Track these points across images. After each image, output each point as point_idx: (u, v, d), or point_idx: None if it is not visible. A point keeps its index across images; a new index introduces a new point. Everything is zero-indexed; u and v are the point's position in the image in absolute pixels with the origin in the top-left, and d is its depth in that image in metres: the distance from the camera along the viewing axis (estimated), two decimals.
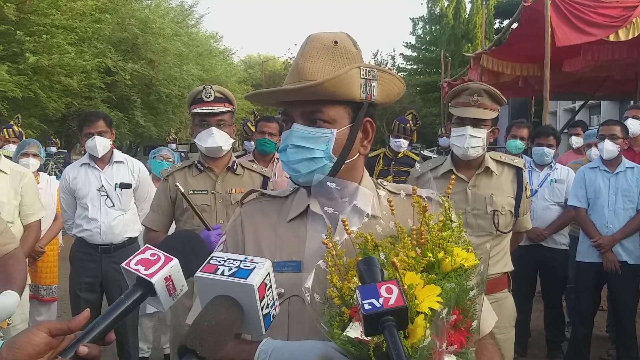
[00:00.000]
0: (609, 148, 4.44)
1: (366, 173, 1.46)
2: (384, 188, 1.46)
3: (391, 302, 0.97)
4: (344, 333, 1.08)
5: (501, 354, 1.41)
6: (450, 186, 1.35)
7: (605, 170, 4.50)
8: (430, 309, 1.07)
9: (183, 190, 2.95)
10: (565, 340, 5.00)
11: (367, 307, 0.97)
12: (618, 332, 4.71)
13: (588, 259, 4.50)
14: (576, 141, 6.29)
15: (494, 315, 1.46)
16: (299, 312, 1.28)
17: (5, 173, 3.88)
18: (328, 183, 1.29)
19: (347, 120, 1.34)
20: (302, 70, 1.31)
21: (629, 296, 4.49)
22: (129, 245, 4.22)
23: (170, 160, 5.40)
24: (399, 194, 1.42)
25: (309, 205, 1.39)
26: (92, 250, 4.17)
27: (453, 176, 1.47)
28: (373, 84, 1.33)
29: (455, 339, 1.14)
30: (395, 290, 0.98)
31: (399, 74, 1.26)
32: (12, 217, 3.81)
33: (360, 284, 1.07)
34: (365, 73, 1.31)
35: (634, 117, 5.11)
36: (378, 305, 0.97)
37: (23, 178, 3.93)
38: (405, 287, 1.06)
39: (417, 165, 2.20)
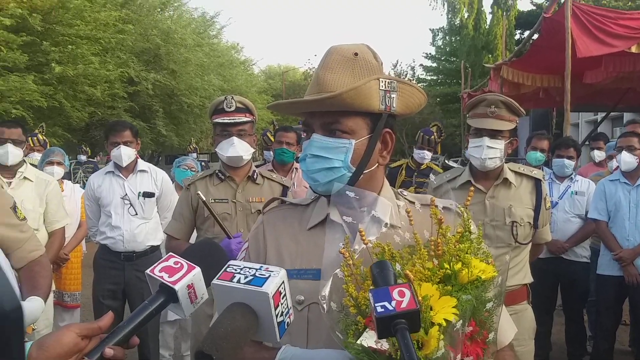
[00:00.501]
0: (627, 160, 4.41)
1: (386, 183, 1.48)
2: (404, 198, 1.48)
3: (403, 305, 0.98)
4: (358, 341, 1.09)
5: None
6: (469, 197, 1.36)
7: (625, 182, 4.47)
8: (445, 320, 1.07)
9: (205, 199, 2.99)
10: (587, 354, 4.95)
11: (379, 309, 0.99)
12: (638, 345, 4.65)
13: (609, 272, 4.46)
14: (598, 155, 6.21)
15: (514, 327, 1.46)
16: (319, 319, 1.29)
17: (30, 181, 4.01)
18: (347, 192, 1.31)
19: (366, 131, 1.36)
20: (322, 81, 1.34)
21: None
22: (151, 254, 4.29)
23: (194, 169, 5.47)
24: (416, 206, 1.44)
25: (329, 213, 1.41)
26: (115, 258, 4.23)
27: (472, 187, 1.48)
28: (392, 96, 1.35)
29: (472, 351, 1.15)
30: (408, 293, 1.00)
31: (419, 84, 1.28)
32: (37, 224, 3.91)
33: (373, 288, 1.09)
34: (385, 84, 1.33)
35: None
36: (390, 308, 0.98)
37: (48, 186, 4.05)
38: (420, 298, 1.07)
39: (432, 176, 2.21)
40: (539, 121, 16.26)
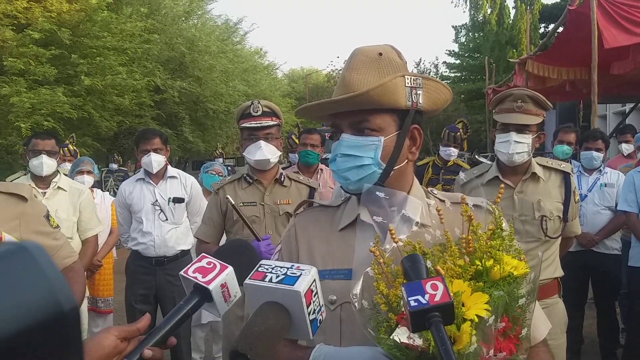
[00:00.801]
0: None
1: (416, 181, 1.49)
2: (434, 196, 1.48)
3: (437, 298, 0.99)
4: (391, 337, 1.10)
5: None
6: (500, 194, 1.36)
7: None
8: (478, 316, 1.08)
9: (234, 203, 3.04)
10: (620, 347, 4.88)
11: (413, 303, 0.99)
12: None
13: None
14: (626, 148, 6.11)
15: (548, 323, 1.46)
16: (351, 318, 1.31)
17: (64, 190, 4.11)
18: (377, 192, 1.33)
19: (394, 128, 1.38)
20: (348, 82, 1.36)
21: None
22: (182, 258, 4.36)
23: (222, 174, 5.54)
24: (446, 204, 1.44)
25: (359, 214, 1.43)
26: (146, 263, 4.31)
27: (502, 185, 1.49)
28: (418, 92, 1.37)
29: (505, 347, 1.15)
30: (441, 286, 1.01)
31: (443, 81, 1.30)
32: (71, 232, 4.00)
33: (405, 282, 1.10)
34: (410, 81, 1.35)
35: None
36: (424, 301, 0.99)
37: (81, 195, 4.15)
38: (452, 295, 1.07)
39: (461, 174, 2.20)
40: (566, 114, 16.01)
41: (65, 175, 4.71)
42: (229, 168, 15.41)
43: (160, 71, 17.65)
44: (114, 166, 12.50)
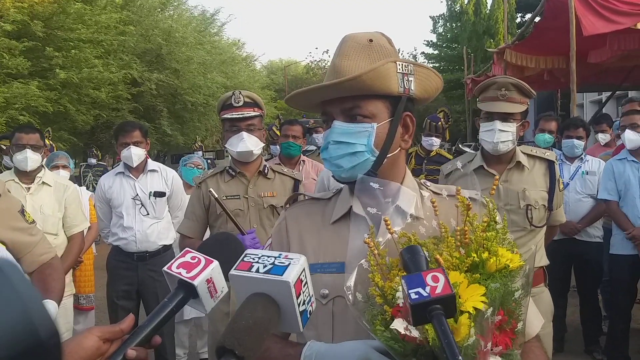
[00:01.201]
0: (631, 137, 4.37)
1: (409, 172, 1.46)
2: (427, 188, 1.46)
3: (438, 290, 0.96)
4: (388, 328, 1.08)
5: (547, 358, 1.39)
6: (495, 186, 1.34)
7: (633, 160, 4.43)
8: (475, 308, 1.06)
9: (217, 196, 2.98)
10: (603, 335, 4.93)
11: (413, 296, 0.96)
12: None
13: (622, 252, 4.42)
14: (603, 138, 6.12)
15: (541, 317, 1.45)
16: (344, 313, 1.29)
17: (49, 186, 3.99)
18: (371, 183, 1.30)
19: (387, 115, 1.35)
20: (339, 68, 1.33)
21: None
22: (164, 253, 4.29)
23: (201, 167, 5.47)
24: (441, 194, 1.42)
25: (352, 206, 1.40)
26: (128, 259, 4.24)
27: (497, 176, 1.47)
28: (410, 78, 1.35)
29: (500, 340, 1.14)
30: (442, 278, 0.98)
31: None
32: (56, 229, 3.90)
33: (404, 274, 1.07)
34: (402, 67, 1.33)
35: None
36: (425, 294, 0.96)
37: (66, 190, 4.03)
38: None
39: (459, 164, 2.18)
40: (544, 103, 16.19)
41: None
42: (209, 161, 15.31)
43: (136, 63, 17.46)
44: (93, 161, 12.30)
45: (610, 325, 4.72)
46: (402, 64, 1.33)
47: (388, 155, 1.36)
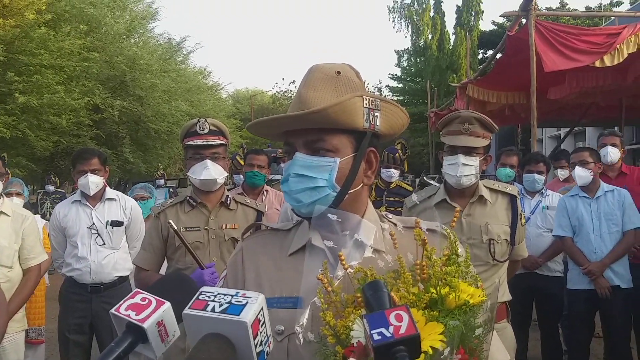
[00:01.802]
0: (581, 174, 4.45)
1: (370, 205, 1.43)
2: (389, 221, 1.43)
3: (402, 330, 0.92)
4: None
5: None
6: (455, 218, 1.33)
7: (585, 196, 4.51)
8: (432, 348, 1.01)
9: (176, 228, 2.89)
10: None
11: (376, 337, 0.92)
12: (612, 357, 4.66)
13: (579, 286, 4.46)
14: (562, 173, 6.20)
15: (506, 353, 1.41)
16: (299, 350, 1.23)
17: (7, 215, 3.76)
18: (329, 215, 1.26)
19: (351, 150, 1.32)
20: (304, 99, 1.30)
21: (623, 321, 4.45)
22: (120, 285, 4.15)
23: (146, 197, 5.34)
24: (399, 228, 1.39)
25: (310, 239, 1.36)
26: (81, 290, 4.09)
27: (458, 208, 1.45)
28: (376, 114, 1.32)
29: None
30: (406, 317, 0.94)
31: None
32: (11, 261, 3.67)
33: (362, 312, 1.03)
34: (369, 102, 1.30)
35: (613, 145, 5.04)
36: (388, 335, 0.92)
37: (25, 221, 3.81)
38: None
39: (414, 196, 2.18)
40: (505, 138, 16.55)
41: None
42: (171, 190, 15.08)
43: (100, 90, 17.20)
44: (51, 188, 11.94)
45: (569, 359, 4.73)
46: (369, 99, 1.30)
47: (350, 191, 1.33)
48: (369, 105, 1.30)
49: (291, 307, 1.29)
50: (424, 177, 13.96)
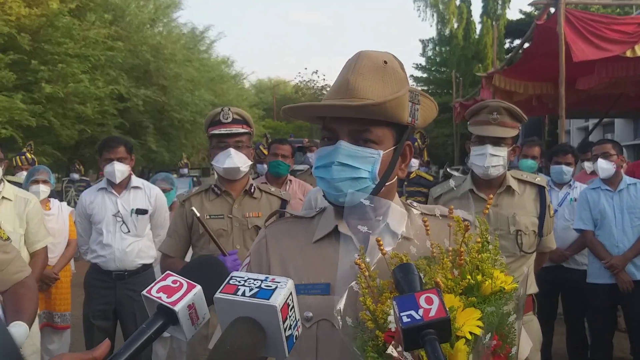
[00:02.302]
0: (604, 166, 4.38)
1: (397, 195, 1.43)
2: (416, 208, 1.43)
3: (432, 313, 0.91)
4: (381, 355, 1.03)
5: None
6: (488, 206, 1.32)
7: (607, 189, 4.43)
8: (472, 333, 1.01)
9: (199, 215, 2.89)
10: None
11: (405, 319, 0.91)
12: (635, 353, 4.58)
13: (600, 280, 4.39)
14: (588, 166, 6.09)
15: (530, 342, 1.40)
16: (328, 337, 1.24)
17: (9, 200, 3.80)
18: (363, 200, 1.25)
19: (392, 142, 1.33)
20: (353, 87, 1.28)
21: None
22: (144, 272, 4.18)
23: (167, 189, 5.35)
24: (434, 214, 1.38)
25: (337, 226, 1.35)
26: (106, 277, 4.12)
27: (491, 195, 1.42)
28: (417, 108, 1.32)
29: None
30: (436, 300, 0.93)
31: None
32: (17, 245, 3.70)
33: (397, 294, 1.02)
34: (413, 97, 1.30)
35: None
36: (417, 317, 0.91)
37: (28, 204, 3.86)
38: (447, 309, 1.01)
39: (451, 182, 2.16)
40: (531, 128, 16.30)
41: (18, 183, 4.46)
42: (194, 179, 15.17)
43: (124, 79, 17.38)
44: (76, 176, 12.09)
45: (592, 354, 4.68)
46: (413, 93, 1.30)
47: (386, 184, 1.33)
48: (413, 100, 1.31)
49: (319, 294, 1.29)
50: (447, 169, 13.86)
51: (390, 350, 1.01)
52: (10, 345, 0.44)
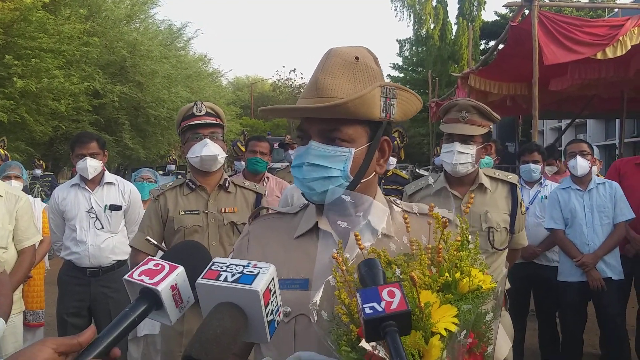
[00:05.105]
0: (582, 164, 4.47)
1: (379, 191, 1.43)
2: (397, 205, 1.43)
3: (393, 306, 0.93)
4: (354, 349, 1.04)
5: None
6: (469, 204, 1.34)
7: (577, 189, 4.53)
8: (447, 330, 1.03)
9: (156, 242, 2.92)
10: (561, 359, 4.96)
11: (367, 311, 0.94)
12: (610, 349, 4.68)
13: (571, 279, 4.48)
14: (549, 169, 6.24)
15: (508, 341, 1.43)
16: (306, 331, 1.25)
17: (0, 196, 3.77)
18: (343, 196, 1.26)
19: (365, 139, 1.32)
20: (322, 86, 1.29)
21: (617, 312, 4.46)
22: (118, 269, 4.16)
23: (152, 180, 5.35)
24: (413, 212, 1.39)
25: (317, 222, 1.36)
26: (80, 274, 4.09)
27: (472, 194, 1.44)
28: (392, 102, 1.31)
29: None
30: (398, 293, 0.95)
31: None
32: (5, 242, 3.66)
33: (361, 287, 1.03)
34: (386, 92, 1.29)
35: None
36: (379, 309, 0.93)
37: (18, 201, 3.79)
38: (422, 305, 1.02)
39: (430, 179, 2.18)
40: (506, 129, 16.49)
41: None
42: (179, 177, 15.00)
43: (99, 75, 17.13)
44: (38, 172, 11.80)
45: (563, 349, 4.77)
46: (386, 88, 1.29)
47: (362, 181, 1.33)
48: (386, 95, 1.29)
49: (298, 289, 1.30)
50: (416, 169, 13.95)
51: (363, 343, 1.03)
52: None
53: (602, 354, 5.13)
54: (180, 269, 1.03)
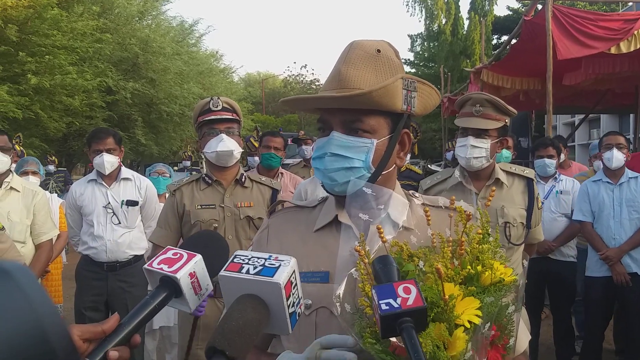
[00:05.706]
0: (618, 157, 4.42)
1: (398, 185, 1.44)
2: (417, 198, 1.44)
3: (409, 302, 0.94)
4: (379, 341, 1.05)
5: None
6: (491, 197, 1.33)
7: (608, 182, 4.49)
8: (471, 322, 1.03)
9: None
10: (576, 355, 4.94)
11: (384, 307, 0.94)
12: (631, 345, 4.64)
13: (597, 274, 4.45)
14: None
15: (528, 334, 1.43)
16: (327, 324, 1.26)
17: (17, 191, 3.82)
18: (364, 188, 1.27)
19: (387, 131, 1.32)
20: (344, 77, 1.29)
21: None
22: (135, 263, 4.19)
23: (166, 175, 5.38)
24: (439, 205, 1.40)
25: (337, 215, 1.37)
26: (97, 269, 4.13)
27: (494, 188, 1.45)
28: (413, 95, 1.31)
29: (492, 356, 1.11)
30: (414, 290, 0.96)
31: None
32: (23, 236, 3.73)
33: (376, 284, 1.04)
34: (407, 84, 1.30)
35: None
36: (395, 305, 0.94)
37: (35, 196, 3.87)
38: (446, 297, 1.03)
39: (456, 172, 2.17)
40: (518, 124, 16.40)
41: None
42: (193, 173, 15.03)
43: (112, 72, 17.23)
44: (51, 168, 11.89)
45: (584, 345, 4.74)
46: (407, 81, 1.29)
47: (383, 173, 1.34)
48: (408, 87, 1.30)
49: (318, 282, 1.31)
50: (428, 165, 13.90)
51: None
52: (59, 326, 0.45)
53: (617, 349, 5.11)
54: (198, 257, 1.04)
